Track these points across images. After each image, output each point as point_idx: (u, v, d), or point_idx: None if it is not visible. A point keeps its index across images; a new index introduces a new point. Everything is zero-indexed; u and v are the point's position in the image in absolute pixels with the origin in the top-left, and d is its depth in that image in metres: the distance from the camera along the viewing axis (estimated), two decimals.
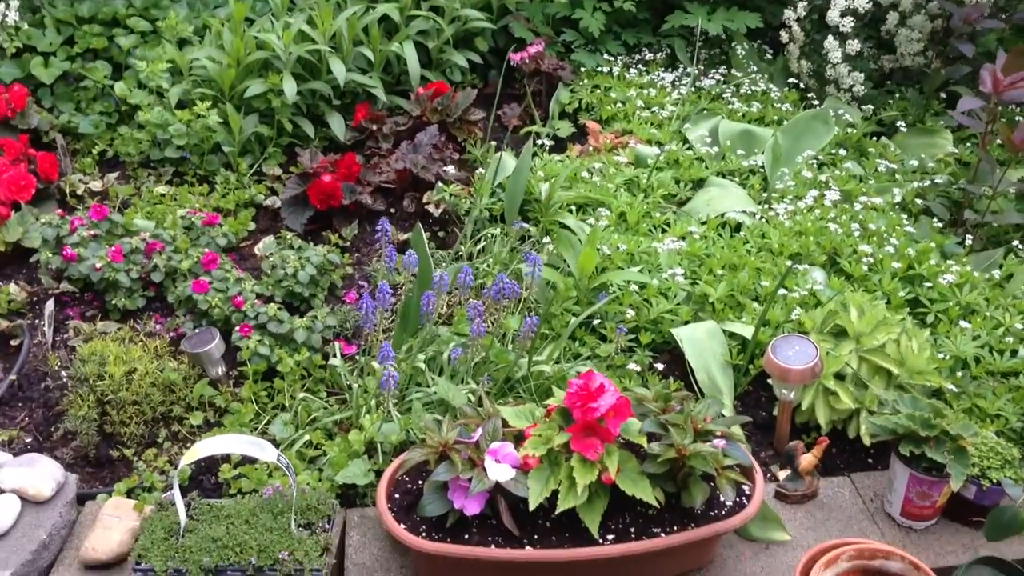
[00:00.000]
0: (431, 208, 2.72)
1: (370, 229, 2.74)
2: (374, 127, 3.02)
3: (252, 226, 2.70)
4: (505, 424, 1.68)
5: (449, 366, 2.04)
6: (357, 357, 2.21)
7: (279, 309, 2.22)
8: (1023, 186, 2.52)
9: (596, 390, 1.56)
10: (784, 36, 3.24)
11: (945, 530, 1.85)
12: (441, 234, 2.71)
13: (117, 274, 2.33)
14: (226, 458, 1.97)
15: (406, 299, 2.14)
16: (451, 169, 2.81)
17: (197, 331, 2.21)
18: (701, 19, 3.29)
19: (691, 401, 1.75)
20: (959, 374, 2.06)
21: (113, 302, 2.34)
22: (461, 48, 3.36)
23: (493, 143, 2.98)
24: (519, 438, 1.66)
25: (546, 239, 2.44)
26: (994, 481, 1.76)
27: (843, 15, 3.02)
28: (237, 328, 2.20)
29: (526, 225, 2.52)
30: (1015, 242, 2.49)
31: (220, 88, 2.97)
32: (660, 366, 2.16)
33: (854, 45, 3.04)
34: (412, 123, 3.04)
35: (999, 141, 2.63)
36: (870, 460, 2.03)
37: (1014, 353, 2.13)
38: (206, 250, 2.41)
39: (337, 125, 3.03)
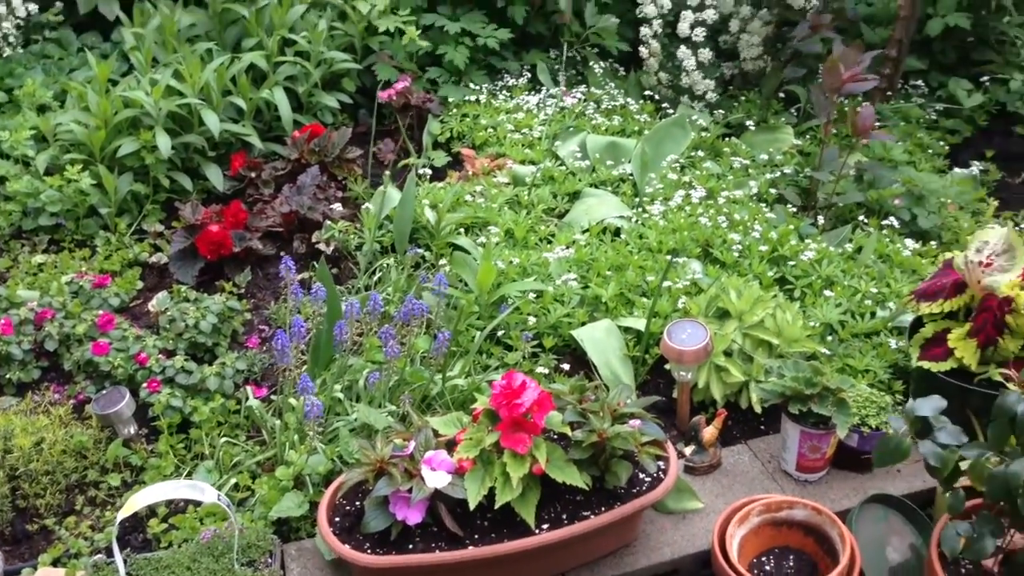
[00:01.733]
0: (322, 247, 2.78)
1: (262, 274, 2.77)
2: (253, 174, 3.05)
3: (140, 284, 2.69)
4: (436, 434, 1.77)
5: (367, 392, 2.11)
6: (271, 397, 2.24)
7: (186, 360, 2.23)
8: (862, 168, 2.80)
9: (519, 387, 1.67)
10: (643, 51, 3.47)
11: (836, 478, 2.05)
12: (335, 271, 2.77)
13: (9, 347, 2.28)
14: (152, 513, 1.97)
15: (316, 333, 2.19)
16: (337, 207, 2.87)
17: (104, 392, 2.19)
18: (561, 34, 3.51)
19: (603, 391, 1.88)
20: (828, 339, 2.29)
21: (8, 376, 2.29)
22: (330, 90, 3.44)
23: (386, 175, 3.06)
24: (451, 445, 1.74)
25: (442, 261, 2.54)
26: (873, 427, 1.97)
27: (692, 27, 3.28)
28: (144, 385, 2.19)
29: (420, 251, 2.62)
30: (860, 217, 2.77)
31: (90, 150, 2.93)
32: (566, 366, 2.29)
33: (705, 53, 3.30)
34: (291, 167, 3.09)
35: (834, 131, 2.92)
36: (762, 427, 2.22)
37: (873, 315, 2.37)
38: (100, 312, 2.38)
39: (215, 176, 3.05)
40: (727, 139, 3.32)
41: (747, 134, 3.35)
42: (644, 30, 3.37)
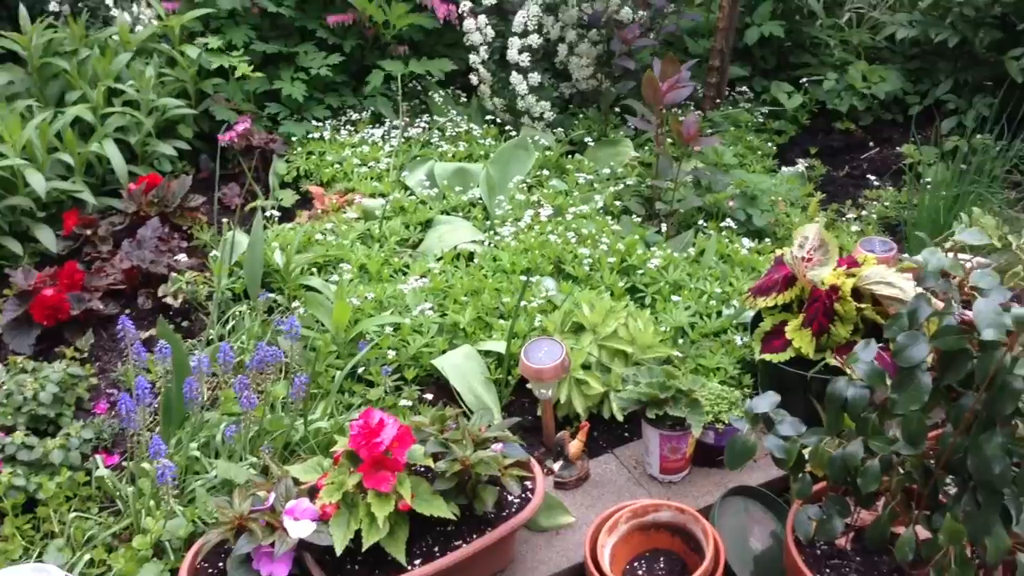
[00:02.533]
0: (169, 300, 2.68)
1: (107, 335, 2.64)
2: (88, 232, 2.91)
3: None
4: (297, 482, 1.73)
5: (225, 446, 2.04)
6: (123, 464, 2.13)
7: (26, 435, 2.10)
8: (698, 174, 2.92)
9: (377, 426, 1.66)
10: (474, 79, 3.52)
11: (699, 476, 2.12)
12: (185, 324, 2.67)
13: None
14: None
15: (165, 393, 2.10)
16: (182, 258, 2.77)
17: None
18: (396, 69, 3.50)
19: (464, 418, 1.89)
20: (680, 341, 2.38)
21: None
22: (165, 137, 3.32)
23: (233, 220, 2.98)
24: (313, 491, 1.71)
25: (295, 303, 2.49)
26: (726, 423, 2.06)
27: (520, 52, 3.35)
28: None
29: (271, 295, 2.56)
30: (701, 222, 2.89)
31: None
32: (429, 396, 2.28)
33: (535, 77, 3.38)
34: (130, 220, 2.97)
35: (670, 140, 3.05)
36: (626, 434, 2.27)
37: (719, 314, 2.48)
38: None
39: (47, 237, 2.89)
40: (572, 156, 3.41)
41: (589, 150, 3.45)
42: (473, 57, 3.42)
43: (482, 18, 3.35)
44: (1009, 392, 1.37)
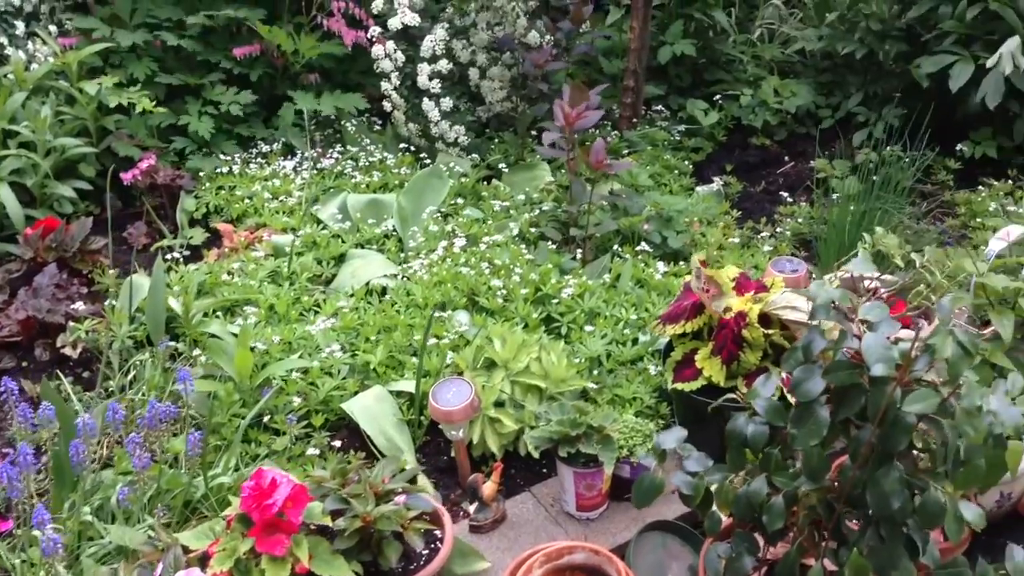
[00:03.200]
0: (68, 351, 2.56)
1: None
2: None
3: None
4: (187, 550, 1.64)
5: (120, 508, 1.94)
6: (14, 532, 2.02)
7: None
8: (613, 198, 2.90)
9: (269, 486, 1.58)
10: (387, 106, 3.46)
11: (616, 511, 2.09)
12: (86, 375, 2.56)
13: None
14: None
15: (54, 454, 2.00)
16: (80, 305, 2.66)
17: None
18: (307, 104, 3.43)
19: (368, 468, 1.82)
20: (595, 372, 2.34)
21: None
22: (67, 177, 3.20)
23: (140, 262, 2.87)
24: (205, 559, 1.62)
25: (196, 351, 2.40)
26: (641, 456, 2.02)
27: (430, 78, 3.30)
28: None
29: (172, 343, 2.46)
30: (616, 246, 2.87)
31: None
32: (338, 443, 2.21)
33: (447, 103, 3.33)
34: (27, 267, 2.84)
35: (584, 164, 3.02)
36: (544, 470, 2.23)
37: (635, 342, 2.45)
38: None
39: None
40: (489, 182, 3.37)
41: (506, 174, 3.42)
42: (385, 85, 3.37)
43: (390, 44, 3.29)
44: (901, 427, 1.36)
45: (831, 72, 3.90)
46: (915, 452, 1.49)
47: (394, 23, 3.25)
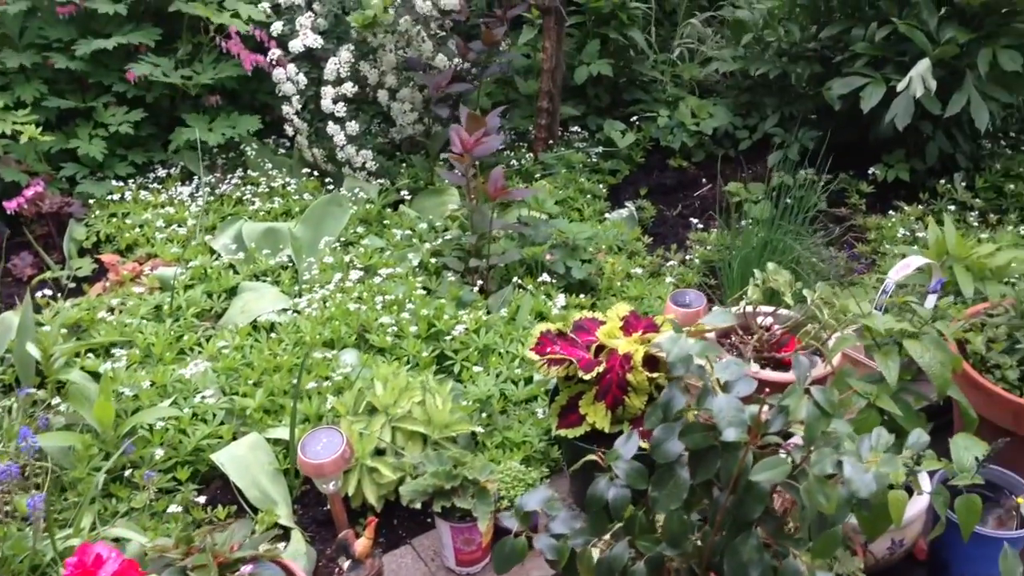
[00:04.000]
0: None
1: None
2: None
3: None
4: None
5: None
6: None
7: None
8: (512, 227, 2.80)
9: (94, 563, 1.46)
10: (289, 130, 3.34)
11: None
12: None
13: None
14: None
15: None
16: None
17: None
18: (200, 131, 3.28)
19: (222, 530, 1.70)
20: (484, 415, 2.24)
21: None
22: None
23: (24, 295, 2.72)
24: None
25: (56, 399, 2.25)
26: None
27: (335, 101, 3.18)
28: None
29: (33, 390, 2.31)
30: (515, 279, 2.77)
31: None
32: (204, 498, 2.07)
33: (353, 127, 3.22)
34: None
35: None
36: (428, 520, 2.12)
37: (530, 380, 2.36)
38: None
39: None
40: (396, 208, 3.26)
41: (415, 199, 3.31)
42: (286, 108, 3.24)
43: (291, 67, 3.17)
44: (755, 494, 1.28)
45: (749, 92, 3.86)
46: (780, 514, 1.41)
47: (295, 45, 3.13)
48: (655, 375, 1.95)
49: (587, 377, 1.87)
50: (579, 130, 3.89)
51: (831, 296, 1.99)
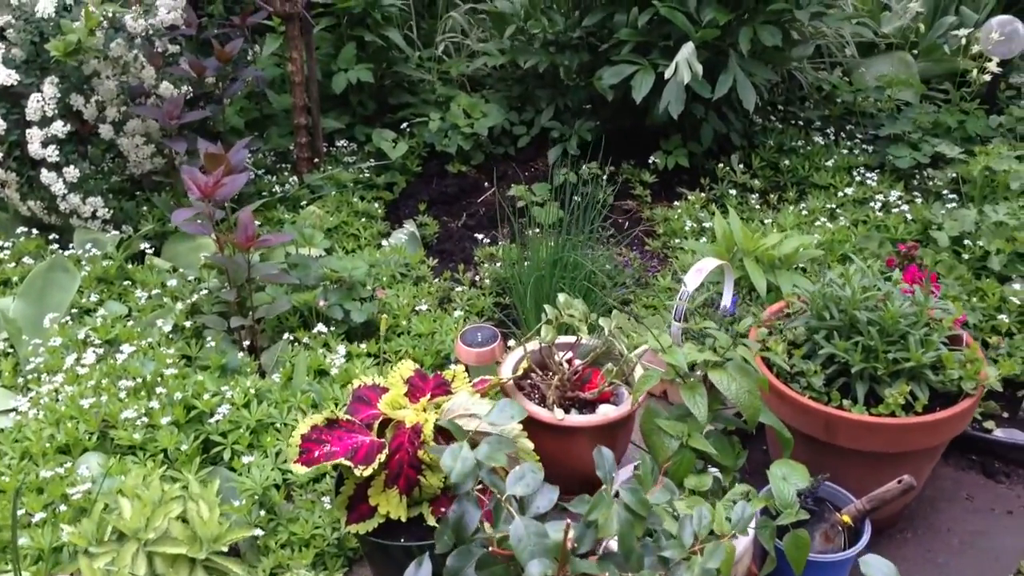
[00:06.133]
0: None
1: None
2: None
3: None
4: None
5: None
6: None
7: None
8: (280, 277, 2.44)
9: None
10: None
11: None
12: None
13: None
14: None
15: None
16: None
17: None
18: None
19: None
20: (262, 512, 1.92)
21: None
22: None
23: None
24: None
25: None
26: None
27: (45, 144, 2.69)
28: None
29: None
30: (286, 333, 2.44)
31: None
32: None
33: (72, 172, 2.74)
34: None
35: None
36: None
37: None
38: None
39: None
40: (143, 260, 2.81)
41: (167, 245, 2.89)
42: None
43: None
44: None
45: (521, 84, 3.67)
46: None
47: None
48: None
49: (367, 473, 1.59)
50: (346, 143, 3.56)
51: (626, 323, 1.82)
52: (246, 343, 2.41)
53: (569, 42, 3.39)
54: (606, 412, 1.87)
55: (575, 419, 1.86)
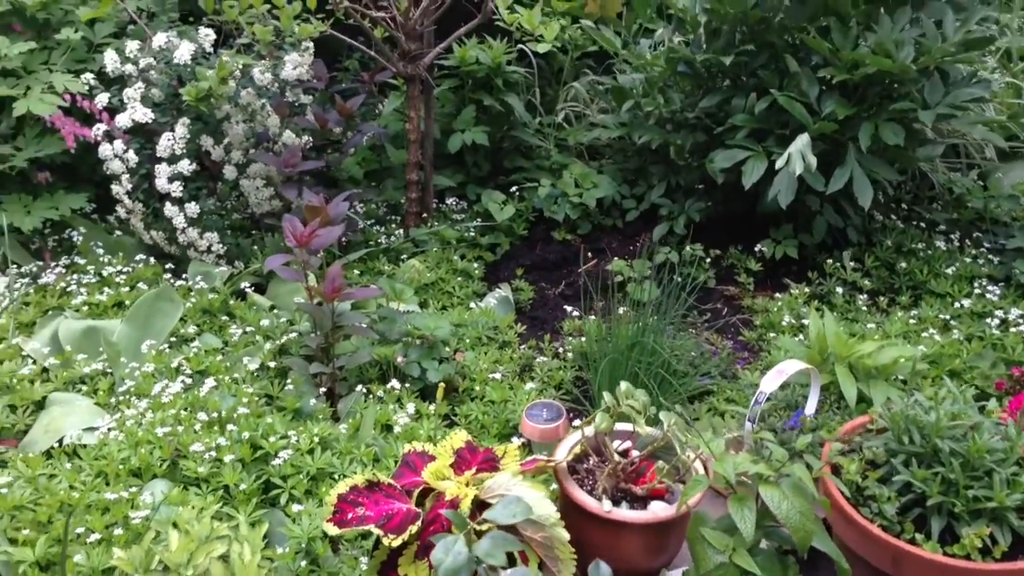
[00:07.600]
0: None
1: None
2: None
3: None
4: None
5: None
6: None
7: None
8: (363, 331, 2.50)
9: None
10: (121, 211, 3.01)
11: None
12: None
13: None
14: None
15: None
16: None
17: None
18: (15, 215, 2.94)
19: None
20: (304, 562, 1.93)
21: None
22: None
23: None
24: None
25: None
26: None
27: (171, 180, 2.87)
28: None
29: None
30: (359, 386, 2.47)
31: None
32: None
33: (193, 208, 2.91)
34: None
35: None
36: None
37: None
38: None
39: None
40: (244, 297, 2.94)
41: (271, 284, 3.01)
42: (116, 188, 2.92)
43: (118, 143, 2.85)
44: None
45: (636, 158, 3.66)
46: None
47: (123, 119, 2.82)
48: (488, 523, 1.68)
49: (395, 543, 1.58)
50: (456, 201, 3.64)
51: (683, 425, 1.75)
52: (323, 389, 2.47)
53: (685, 122, 3.36)
54: (656, 510, 1.80)
55: (623, 514, 1.80)
